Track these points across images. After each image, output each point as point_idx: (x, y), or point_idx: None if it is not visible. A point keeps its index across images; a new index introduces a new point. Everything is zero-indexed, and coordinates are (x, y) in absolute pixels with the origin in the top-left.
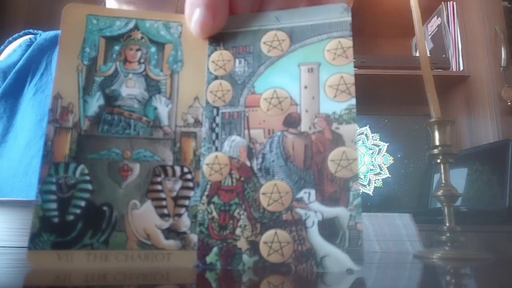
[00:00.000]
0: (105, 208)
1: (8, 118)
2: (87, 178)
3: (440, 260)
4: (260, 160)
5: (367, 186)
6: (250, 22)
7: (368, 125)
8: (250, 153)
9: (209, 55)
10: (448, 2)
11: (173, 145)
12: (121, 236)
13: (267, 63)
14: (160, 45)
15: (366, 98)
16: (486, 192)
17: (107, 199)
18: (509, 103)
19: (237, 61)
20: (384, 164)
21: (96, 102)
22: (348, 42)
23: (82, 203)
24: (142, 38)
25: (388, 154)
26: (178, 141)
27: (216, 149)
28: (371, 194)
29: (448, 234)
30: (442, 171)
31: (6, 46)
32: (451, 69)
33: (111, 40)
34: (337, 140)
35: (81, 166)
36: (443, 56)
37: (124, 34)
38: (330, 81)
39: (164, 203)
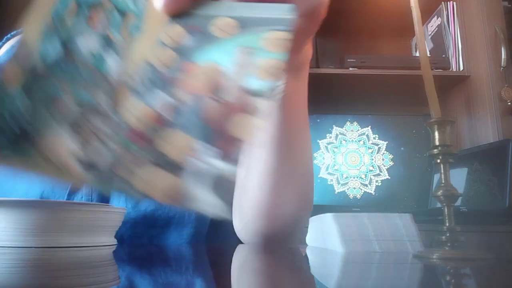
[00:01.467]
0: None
1: None
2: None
3: (440, 260)
4: (179, 116)
5: (368, 185)
6: (207, 8)
7: (369, 126)
8: (172, 110)
9: (165, 28)
10: (448, 2)
11: (112, 93)
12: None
13: (212, 41)
14: (124, 13)
15: (366, 98)
16: (486, 192)
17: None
18: (509, 103)
19: (187, 36)
20: (384, 166)
21: (55, 52)
22: (285, 35)
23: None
24: (109, 5)
25: (387, 153)
26: (118, 91)
27: (144, 102)
28: (373, 194)
29: (448, 234)
30: (442, 171)
31: (4, 43)
32: (451, 69)
33: (82, 5)
34: (251, 110)
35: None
36: (443, 56)
37: (96, 3)
38: (262, 63)
39: (85, 136)
